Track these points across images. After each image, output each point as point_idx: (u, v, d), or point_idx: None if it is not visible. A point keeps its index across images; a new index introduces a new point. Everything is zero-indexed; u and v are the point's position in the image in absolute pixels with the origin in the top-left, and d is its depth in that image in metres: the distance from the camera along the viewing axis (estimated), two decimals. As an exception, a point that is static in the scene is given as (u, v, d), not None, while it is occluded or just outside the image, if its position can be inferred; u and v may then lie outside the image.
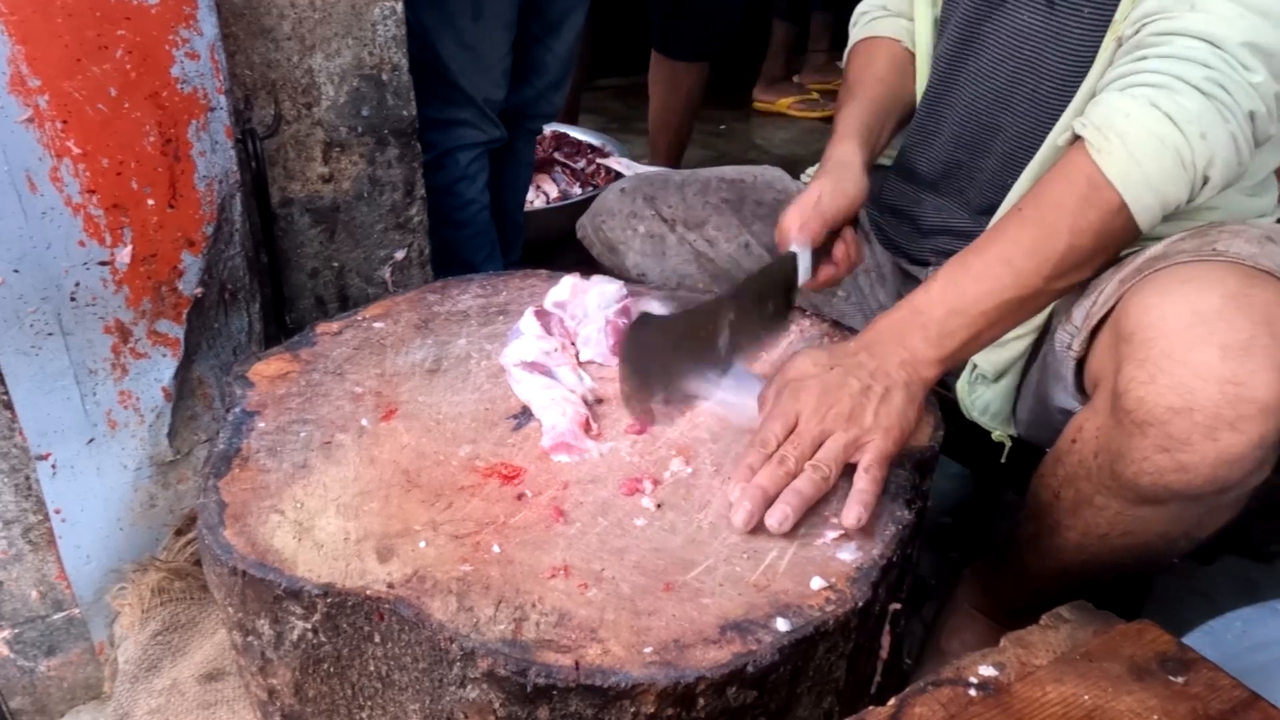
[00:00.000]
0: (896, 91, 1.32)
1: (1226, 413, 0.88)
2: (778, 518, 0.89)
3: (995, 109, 1.21)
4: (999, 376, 1.21)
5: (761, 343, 1.15)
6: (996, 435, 1.24)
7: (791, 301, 1.16)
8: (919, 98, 1.32)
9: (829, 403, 0.93)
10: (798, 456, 0.92)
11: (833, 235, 1.17)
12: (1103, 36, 1.06)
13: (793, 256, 1.13)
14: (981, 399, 1.23)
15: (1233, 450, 0.89)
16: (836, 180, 1.15)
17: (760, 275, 1.12)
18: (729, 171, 1.49)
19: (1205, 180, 0.95)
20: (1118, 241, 0.99)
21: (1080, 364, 1.05)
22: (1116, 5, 1.05)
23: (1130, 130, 0.93)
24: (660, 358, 1.02)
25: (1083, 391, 1.06)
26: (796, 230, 1.12)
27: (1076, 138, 0.98)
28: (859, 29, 1.39)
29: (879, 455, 0.92)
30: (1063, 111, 1.10)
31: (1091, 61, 1.08)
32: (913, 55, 1.33)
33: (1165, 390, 0.90)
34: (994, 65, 1.20)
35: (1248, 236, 0.96)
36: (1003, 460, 1.24)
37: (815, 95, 3.90)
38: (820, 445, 0.93)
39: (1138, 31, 0.99)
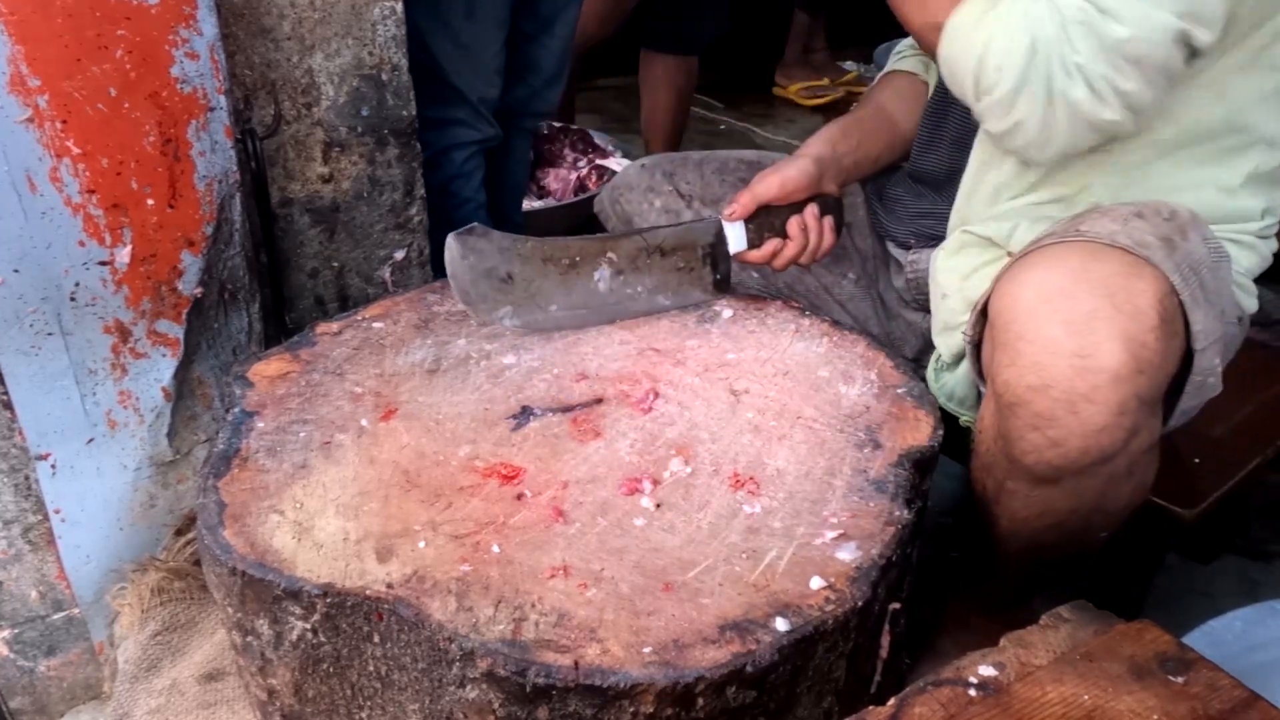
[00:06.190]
0: (886, 112, 1.39)
1: (1080, 386, 0.90)
2: None
3: None
4: (957, 362, 1.24)
5: (670, 293, 1.23)
6: (964, 421, 1.26)
7: (722, 270, 1.25)
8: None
9: None
10: None
11: (791, 211, 1.24)
12: None
13: (714, 222, 1.23)
14: (946, 385, 1.26)
15: (1095, 421, 0.91)
16: (776, 167, 1.26)
17: (671, 230, 1.21)
18: (748, 154, 1.55)
19: (982, 94, 1.02)
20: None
21: (979, 349, 1.08)
22: None
23: (999, 19, 0.98)
24: (503, 268, 1.14)
25: (983, 377, 1.09)
26: (726, 204, 1.25)
27: None
28: (888, 64, 1.46)
29: None
30: None
31: None
32: (926, 87, 1.39)
33: (1024, 371, 0.93)
34: None
35: (1115, 215, 0.98)
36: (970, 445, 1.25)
37: (825, 81, 3.87)
38: None
39: None
